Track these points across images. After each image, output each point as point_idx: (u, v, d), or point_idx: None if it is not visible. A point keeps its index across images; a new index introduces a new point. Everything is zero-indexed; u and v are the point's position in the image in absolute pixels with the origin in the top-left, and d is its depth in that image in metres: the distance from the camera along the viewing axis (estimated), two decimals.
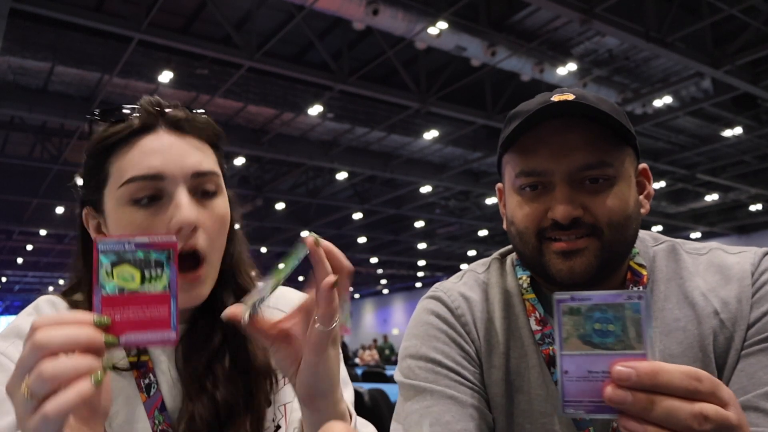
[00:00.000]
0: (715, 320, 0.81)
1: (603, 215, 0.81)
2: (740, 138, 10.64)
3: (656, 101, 8.95)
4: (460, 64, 8.08)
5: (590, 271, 0.81)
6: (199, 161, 0.79)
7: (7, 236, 16.43)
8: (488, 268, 0.96)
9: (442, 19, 6.80)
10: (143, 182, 0.75)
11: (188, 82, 8.29)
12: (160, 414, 0.78)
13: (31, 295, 30.58)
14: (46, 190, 12.11)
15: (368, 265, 22.49)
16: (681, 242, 0.92)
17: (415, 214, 14.88)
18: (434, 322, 0.89)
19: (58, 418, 0.50)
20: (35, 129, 10.08)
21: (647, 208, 0.89)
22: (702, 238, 18.44)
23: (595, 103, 0.81)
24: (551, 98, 0.84)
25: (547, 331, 0.85)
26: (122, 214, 0.77)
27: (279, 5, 7.10)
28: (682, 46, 7.15)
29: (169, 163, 0.76)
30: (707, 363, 0.79)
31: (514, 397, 0.83)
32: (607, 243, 0.81)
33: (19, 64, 7.50)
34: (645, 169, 0.90)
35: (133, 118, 0.80)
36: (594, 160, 0.81)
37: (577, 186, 0.82)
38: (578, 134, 0.81)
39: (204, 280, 0.79)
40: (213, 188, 0.80)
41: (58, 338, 0.52)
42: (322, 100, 8.96)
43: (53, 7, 6.09)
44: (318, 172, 12.73)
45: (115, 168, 0.78)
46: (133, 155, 0.77)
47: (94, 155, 0.80)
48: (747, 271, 0.83)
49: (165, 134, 0.79)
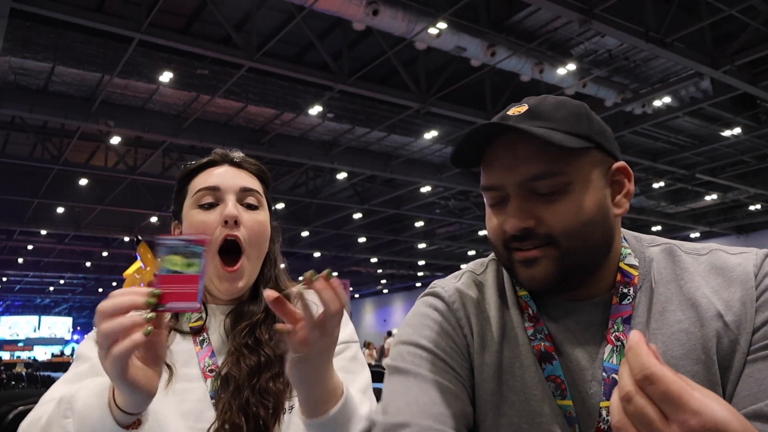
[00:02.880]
0: (719, 322, 0.80)
1: (556, 224, 0.81)
2: (739, 138, 10.65)
3: (656, 101, 8.96)
4: (460, 64, 8.09)
5: (550, 279, 0.82)
6: (246, 182, 1.13)
7: (8, 236, 16.43)
8: (485, 269, 0.96)
9: (442, 19, 6.81)
10: (206, 191, 1.10)
11: (188, 82, 8.30)
12: (210, 359, 1.05)
13: (31, 295, 30.59)
14: (47, 190, 12.11)
15: (368, 265, 22.51)
16: (679, 243, 0.91)
17: (415, 214, 14.89)
18: (430, 313, 0.90)
19: (119, 359, 0.74)
20: (36, 129, 10.09)
21: (625, 207, 0.86)
22: (701, 238, 18.44)
23: (543, 114, 0.82)
24: (507, 112, 0.86)
25: (539, 327, 0.86)
26: (191, 215, 1.10)
27: (279, 5, 7.11)
28: (681, 46, 7.16)
29: (225, 181, 1.11)
30: (710, 365, 0.78)
31: (509, 396, 0.84)
32: (565, 250, 0.81)
33: (20, 65, 7.51)
34: (623, 168, 0.87)
35: (208, 159, 1.16)
36: (541, 170, 0.80)
37: (529, 197, 0.82)
38: (527, 145, 0.80)
39: (241, 274, 1.08)
40: (255, 203, 1.13)
41: (110, 306, 0.76)
42: (322, 100, 8.97)
43: (54, 8, 6.10)
44: (318, 172, 12.74)
45: (190, 186, 1.13)
46: (202, 177, 1.13)
47: (180, 180, 1.16)
48: (750, 272, 0.82)
49: (226, 167, 1.15)
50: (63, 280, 25.17)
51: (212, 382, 1.02)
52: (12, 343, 31.36)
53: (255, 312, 1.10)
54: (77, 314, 38.94)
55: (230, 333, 1.08)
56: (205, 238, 0.81)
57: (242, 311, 1.10)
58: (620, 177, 0.87)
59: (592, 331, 0.85)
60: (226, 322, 1.10)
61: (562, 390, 0.82)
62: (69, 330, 36.40)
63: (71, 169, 11.20)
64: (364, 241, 18.36)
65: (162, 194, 12.57)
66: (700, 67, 7.48)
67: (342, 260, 21.32)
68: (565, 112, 0.84)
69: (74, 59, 7.52)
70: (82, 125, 9.04)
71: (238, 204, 1.10)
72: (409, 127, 10.19)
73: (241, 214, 1.08)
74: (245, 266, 1.08)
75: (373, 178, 12.86)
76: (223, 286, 1.07)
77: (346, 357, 1.09)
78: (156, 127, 9.24)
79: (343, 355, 1.09)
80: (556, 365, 0.83)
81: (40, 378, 11.45)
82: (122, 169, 11.20)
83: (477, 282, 0.95)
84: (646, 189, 13.64)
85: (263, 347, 1.05)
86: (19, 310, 36.00)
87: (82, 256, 20.01)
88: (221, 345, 1.08)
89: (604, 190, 0.84)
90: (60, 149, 10.23)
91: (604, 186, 0.84)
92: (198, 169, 1.14)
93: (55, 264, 20.95)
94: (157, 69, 7.91)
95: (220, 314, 1.11)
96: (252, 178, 1.16)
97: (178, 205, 1.15)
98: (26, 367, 17.06)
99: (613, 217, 0.85)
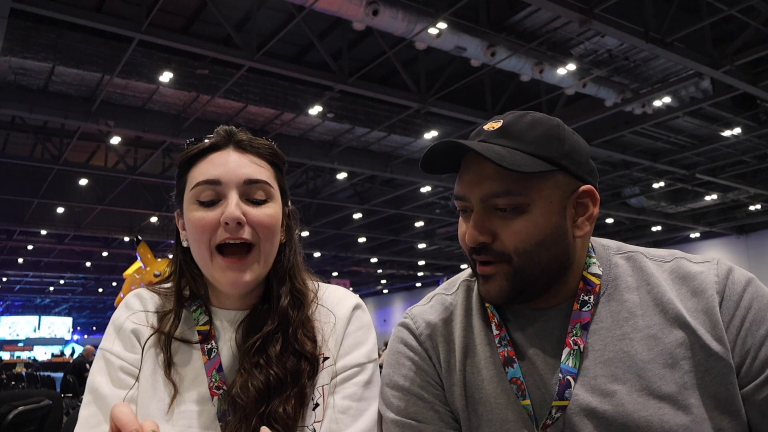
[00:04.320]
0: (687, 330, 0.84)
1: (510, 243, 0.85)
2: (739, 138, 10.65)
3: (656, 101, 8.96)
4: (460, 64, 8.09)
5: (503, 295, 0.87)
6: (252, 172, 0.98)
7: (8, 236, 16.43)
8: (456, 290, 1.02)
9: (442, 19, 6.82)
10: (205, 186, 0.96)
11: (188, 82, 8.31)
12: (217, 374, 0.96)
13: (31, 295, 30.60)
14: (47, 190, 12.12)
15: (368, 265, 22.51)
16: (644, 251, 0.95)
17: (415, 214, 14.90)
18: (402, 350, 0.97)
19: None
20: (36, 129, 10.09)
21: (585, 230, 0.88)
22: (701, 238, 18.46)
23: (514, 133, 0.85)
24: (484, 126, 0.90)
25: (502, 334, 0.91)
26: (190, 212, 0.96)
27: (279, 5, 7.11)
28: (681, 46, 7.16)
29: (227, 172, 0.96)
30: (676, 369, 0.82)
31: (476, 409, 0.89)
32: (517, 268, 0.85)
33: (20, 65, 7.51)
34: (588, 191, 0.88)
35: (209, 140, 1.01)
36: (500, 189, 0.84)
37: (489, 213, 0.86)
38: (490, 164, 0.83)
39: (249, 266, 0.96)
40: (263, 196, 0.98)
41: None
42: (322, 100, 8.97)
43: (54, 8, 6.10)
44: (318, 172, 12.74)
45: (189, 176, 0.99)
46: (202, 166, 0.98)
47: (179, 167, 1.01)
48: (711, 281, 0.86)
49: (230, 151, 0.99)
50: (63, 280, 25.18)
51: (219, 401, 0.94)
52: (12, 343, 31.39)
53: (267, 320, 0.98)
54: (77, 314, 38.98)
55: (241, 347, 0.97)
56: None
57: (254, 322, 0.98)
58: (585, 200, 0.89)
59: (553, 336, 0.89)
60: (237, 335, 0.99)
61: (522, 391, 0.86)
62: (69, 330, 36.44)
63: (71, 169, 11.21)
64: (364, 241, 18.36)
65: (162, 194, 12.57)
66: (700, 67, 7.48)
67: (342, 260, 21.33)
68: (537, 133, 0.86)
69: (74, 59, 7.52)
70: (82, 125, 9.04)
71: (243, 200, 0.95)
72: (409, 127, 10.19)
73: (245, 211, 0.95)
74: (254, 258, 0.96)
75: (373, 178, 12.87)
76: (226, 278, 0.94)
77: (360, 382, 0.97)
78: (156, 127, 9.25)
79: (356, 380, 0.97)
80: (516, 368, 0.87)
81: (40, 378, 11.44)
82: (122, 169, 11.21)
83: (446, 304, 1.00)
84: (646, 189, 13.65)
85: (273, 366, 0.94)
86: (19, 310, 36.02)
87: (82, 256, 20.02)
88: (232, 360, 0.98)
89: (563, 213, 0.86)
90: (60, 149, 10.23)
91: (563, 208, 0.87)
92: (199, 154, 1.00)
93: (55, 264, 20.96)
94: (157, 69, 7.91)
95: (229, 323, 1.00)
96: (260, 163, 1.01)
97: (179, 194, 1.02)
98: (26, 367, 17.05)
99: (571, 238, 0.88)
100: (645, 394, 0.81)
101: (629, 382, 0.82)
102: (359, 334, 1.01)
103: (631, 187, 13.43)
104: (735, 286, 0.85)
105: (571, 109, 9.39)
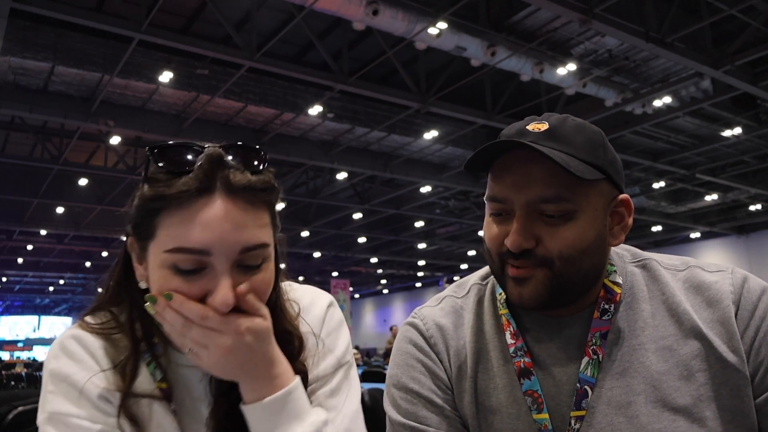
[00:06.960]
0: (703, 341, 0.83)
1: (554, 249, 0.82)
2: (740, 138, 10.65)
3: (656, 101, 8.96)
4: (460, 64, 8.09)
5: (538, 299, 0.84)
6: (250, 237, 0.74)
7: (8, 236, 16.43)
8: (467, 293, 0.99)
9: (442, 19, 6.81)
10: (190, 255, 0.72)
11: (188, 82, 8.30)
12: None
13: (31, 295, 30.60)
14: (47, 190, 12.11)
15: (368, 265, 22.50)
16: (659, 259, 0.94)
17: (415, 214, 14.89)
18: (411, 351, 0.95)
19: None
20: (36, 129, 10.09)
21: (620, 239, 0.89)
22: (701, 238, 18.46)
23: (563, 137, 0.82)
24: (526, 126, 0.86)
25: (519, 344, 0.89)
26: (163, 276, 0.74)
27: (279, 5, 7.11)
28: (681, 46, 7.16)
29: (219, 240, 0.72)
30: (692, 381, 0.81)
31: (487, 417, 0.87)
32: (558, 274, 0.83)
33: (20, 65, 7.51)
34: (626, 201, 0.88)
35: (190, 179, 0.73)
36: (551, 194, 0.82)
37: (533, 217, 0.83)
38: (540, 166, 0.82)
39: None
40: (258, 262, 0.76)
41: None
42: (322, 100, 8.97)
43: (54, 8, 6.10)
44: (318, 172, 12.74)
45: (164, 228, 0.74)
46: (184, 224, 0.72)
47: (145, 208, 0.76)
48: (726, 291, 0.85)
49: (220, 200, 0.73)
50: (63, 280, 25.16)
51: None
52: (12, 344, 31.34)
53: None
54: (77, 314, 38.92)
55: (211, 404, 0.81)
56: None
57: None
58: (622, 209, 0.89)
59: (572, 345, 0.87)
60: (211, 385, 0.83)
61: (538, 404, 0.84)
62: None
63: (71, 169, 11.20)
64: (364, 241, 18.35)
65: None
66: (700, 67, 7.48)
67: (342, 260, 21.33)
68: (584, 138, 0.85)
69: (74, 59, 7.52)
70: (81, 125, 9.04)
71: (234, 268, 0.74)
72: (409, 127, 10.19)
73: (237, 281, 0.74)
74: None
75: (373, 178, 12.86)
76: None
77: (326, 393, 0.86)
78: (156, 127, 9.24)
79: (322, 390, 0.86)
80: (534, 380, 0.86)
81: (40, 378, 11.43)
82: (122, 169, 11.20)
83: (456, 307, 0.98)
84: (646, 189, 13.65)
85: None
86: (19, 310, 36.00)
87: (82, 256, 20.01)
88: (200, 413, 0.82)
89: (604, 221, 0.86)
90: (60, 149, 10.23)
91: (605, 217, 0.86)
92: (177, 197, 0.73)
93: (55, 264, 20.95)
94: (157, 69, 7.91)
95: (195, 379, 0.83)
96: (257, 214, 0.76)
97: (140, 234, 0.78)
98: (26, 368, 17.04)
99: (607, 246, 0.87)
100: (660, 406, 0.80)
101: (644, 394, 0.81)
102: (328, 341, 0.91)
103: (632, 187, 13.43)
104: (750, 295, 0.84)
105: (571, 109, 9.38)
